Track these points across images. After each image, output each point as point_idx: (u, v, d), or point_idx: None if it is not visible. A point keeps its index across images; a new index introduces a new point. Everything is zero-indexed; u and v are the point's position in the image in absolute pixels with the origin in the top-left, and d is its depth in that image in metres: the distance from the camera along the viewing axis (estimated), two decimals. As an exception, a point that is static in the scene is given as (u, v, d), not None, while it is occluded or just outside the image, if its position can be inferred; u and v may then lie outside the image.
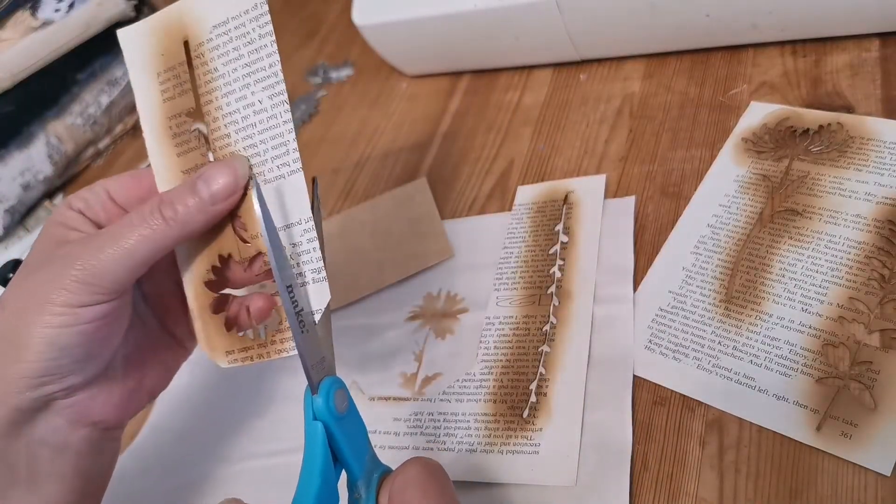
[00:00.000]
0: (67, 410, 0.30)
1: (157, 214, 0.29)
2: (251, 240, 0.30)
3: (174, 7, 0.32)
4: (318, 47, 0.74)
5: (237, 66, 0.31)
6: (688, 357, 0.36)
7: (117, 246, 0.28)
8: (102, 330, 0.29)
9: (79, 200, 0.32)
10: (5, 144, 0.68)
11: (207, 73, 0.32)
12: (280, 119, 0.30)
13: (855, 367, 0.33)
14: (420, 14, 0.53)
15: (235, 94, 0.31)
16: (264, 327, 0.30)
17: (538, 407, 0.37)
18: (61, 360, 0.28)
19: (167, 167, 0.32)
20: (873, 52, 0.44)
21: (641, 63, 0.52)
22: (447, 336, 0.43)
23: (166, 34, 0.32)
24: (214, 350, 0.31)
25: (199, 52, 0.32)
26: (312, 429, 0.27)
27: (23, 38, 0.67)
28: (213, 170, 0.30)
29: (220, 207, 0.30)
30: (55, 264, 0.28)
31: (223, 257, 0.31)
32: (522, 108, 0.54)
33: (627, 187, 0.45)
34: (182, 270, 0.32)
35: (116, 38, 0.34)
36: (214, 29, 0.31)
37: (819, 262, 0.37)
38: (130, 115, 0.77)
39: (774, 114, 0.44)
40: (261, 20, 0.31)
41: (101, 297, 0.28)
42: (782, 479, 0.31)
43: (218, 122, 0.31)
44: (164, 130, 0.32)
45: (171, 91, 0.32)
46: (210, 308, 0.31)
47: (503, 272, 0.44)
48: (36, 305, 0.28)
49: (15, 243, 0.69)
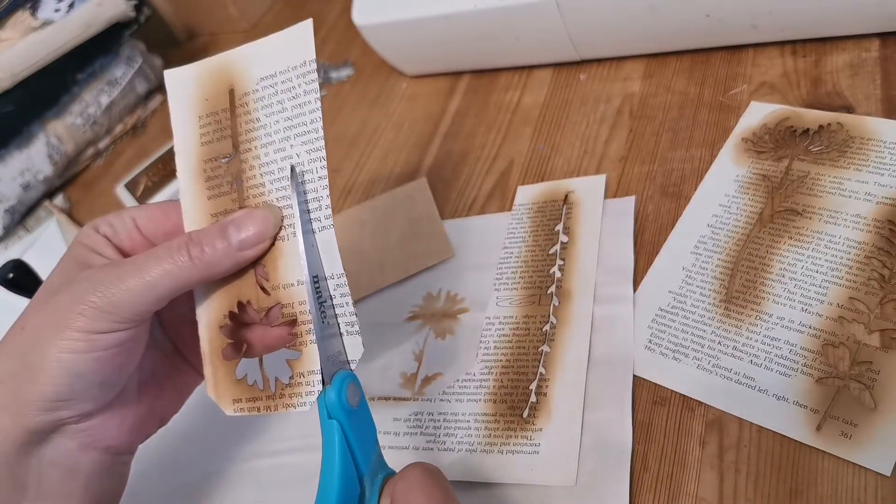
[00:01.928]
0: (79, 434, 0.30)
1: (184, 252, 0.29)
2: (272, 290, 0.30)
3: (224, 55, 0.33)
4: (318, 47, 0.73)
5: (279, 119, 0.31)
6: (688, 357, 0.36)
7: (140, 277, 0.28)
8: (118, 357, 0.29)
9: (106, 225, 0.32)
10: (5, 144, 0.68)
11: (249, 122, 0.32)
12: (316, 175, 0.30)
13: (855, 367, 0.33)
14: (420, 14, 0.53)
15: (275, 146, 0.31)
16: (275, 378, 0.30)
17: (538, 407, 0.37)
18: (75, 386, 0.28)
19: (197, 208, 0.32)
20: (873, 52, 0.44)
21: (641, 63, 0.52)
22: (447, 336, 0.43)
23: (213, 80, 0.33)
24: (221, 396, 0.31)
25: (244, 101, 0.32)
26: (329, 428, 0.27)
27: (23, 38, 0.67)
28: (245, 217, 0.30)
29: (247, 254, 0.30)
30: (76, 288, 0.29)
31: (241, 304, 0.31)
32: (522, 108, 0.54)
33: (627, 187, 0.45)
34: (198, 311, 0.32)
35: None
36: (261, 81, 0.32)
37: (819, 262, 0.37)
38: (130, 115, 0.77)
39: (774, 114, 0.44)
40: (307, 77, 0.31)
41: (118, 326, 0.28)
42: (782, 479, 0.31)
43: (254, 170, 0.31)
44: (199, 172, 0.33)
45: (210, 135, 0.33)
46: (222, 353, 0.31)
47: (503, 272, 0.44)
48: (54, 328, 0.28)
49: (15, 243, 0.69)
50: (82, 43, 0.69)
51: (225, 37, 0.85)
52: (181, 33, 0.87)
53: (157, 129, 0.76)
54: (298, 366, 0.29)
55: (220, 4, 0.82)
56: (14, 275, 0.50)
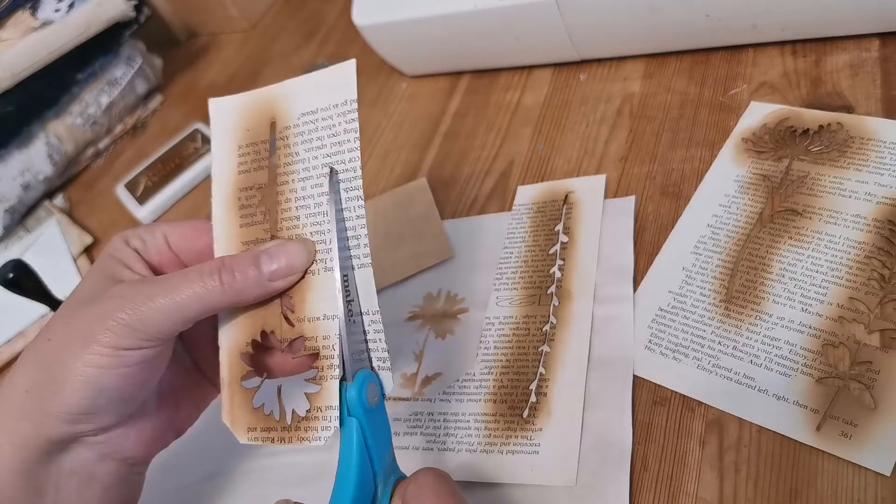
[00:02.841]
0: (98, 445, 0.30)
1: (215, 276, 0.29)
2: (296, 322, 0.30)
3: (268, 89, 0.33)
4: (318, 47, 0.74)
5: (318, 155, 0.31)
6: (688, 357, 0.36)
7: (169, 297, 0.28)
8: (142, 374, 0.29)
9: (136, 239, 0.32)
10: (5, 144, 0.68)
11: (288, 155, 0.32)
12: (354, 213, 0.30)
13: (855, 367, 0.33)
14: (420, 14, 0.53)
15: (312, 181, 0.31)
16: (292, 411, 0.30)
17: (538, 407, 0.37)
18: (98, 400, 0.28)
19: (228, 235, 0.33)
20: (873, 52, 0.44)
21: (641, 63, 0.52)
22: (447, 336, 0.43)
23: (255, 112, 0.33)
24: (236, 423, 0.31)
25: (284, 134, 0.32)
26: (348, 425, 0.28)
27: (23, 38, 0.67)
28: (278, 248, 0.30)
29: (276, 285, 0.30)
30: (106, 304, 0.29)
31: (265, 332, 0.31)
32: (522, 108, 0.54)
33: (627, 187, 0.45)
34: (221, 335, 0.32)
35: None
36: (303, 116, 0.32)
37: (819, 262, 0.37)
38: (130, 115, 0.77)
39: (774, 114, 0.44)
40: (348, 116, 0.31)
41: (144, 343, 0.28)
42: (782, 479, 0.31)
43: (290, 203, 0.32)
44: (233, 200, 0.33)
45: (247, 165, 0.33)
46: (240, 380, 0.31)
47: (503, 272, 0.44)
48: (81, 342, 0.28)
49: (15, 243, 0.69)
50: (82, 43, 0.69)
51: (225, 37, 0.85)
52: (181, 33, 0.87)
53: (156, 129, 0.76)
54: (317, 400, 0.29)
55: (220, 4, 0.82)
56: (14, 275, 0.50)
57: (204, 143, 0.68)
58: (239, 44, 0.82)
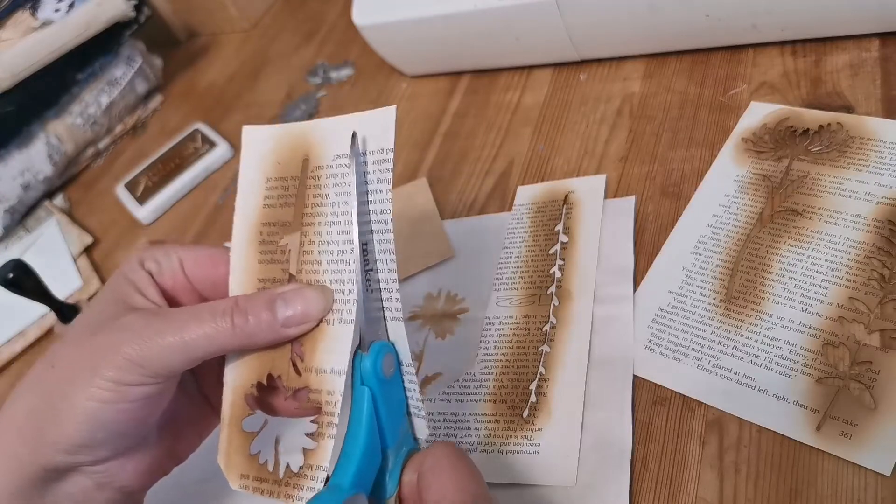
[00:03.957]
0: (96, 475, 0.30)
1: (227, 318, 0.28)
2: (304, 372, 0.29)
3: (305, 124, 0.32)
4: (318, 47, 0.74)
5: (348, 200, 0.30)
6: (688, 357, 0.36)
7: (178, 335, 0.28)
8: (143, 410, 0.29)
9: (152, 262, 0.32)
10: (5, 144, 0.68)
11: (318, 196, 0.31)
12: (386, 266, 0.29)
13: (855, 367, 0.33)
14: (420, 14, 0.53)
15: (339, 227, 0.30)
16: (287, 464, 0.29)
17: (538, 407, 0.37)
18: (97, 434, 0.28)
19: (245, 269, 0.32)
20: (873, 52, 0.44)
21: (641, 63, 0.52)
22: (447, 336, 0.43)
23: (289, 146, 0.32)
24: (230, 467, 0.30)
25: (316, 174, 0.31)
26: (359, 394, 0.27)
27: (23, 38, 0.67)
28: (295, 294, 0.29)
29: (289, 332, 0.29)
30: (113, 335, 0.28)
31: (272, 377, 0.30)
32: (522, 108, 0.54)
33: (627, 187, 0.45)
34: (227, 372, 0.31)
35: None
36: (337, 158, 0.31)
37: (819, 262, 0.37)
38: (130, 115, 0.77)
39: (774, 114, 0.44)
40: (383, 165, 0.30)
41: (148, 380, 0.28)
42: (782, 479, 0.31)
43: (313, 246, 0.31)
44: (255, 234, 0.32)
45: (274, 199, 0.32)
46: (240, 421, 0.30)
47: (503, 272, 0.44)
48: (85, 374, 0.28)
49: (15, 243, 0.69)
50: (82, 43, 0.69)
51: (225, 37, 0.85)
52: (181, 33, 0.87)
53: (156, 129, 0.76)
54: (311, 457, 0.28)
55: (220, 4, 0.82)
56: (14, 275, 0.50)
57: (204, 143, 0.68)
58: (239, 44, 0.82)
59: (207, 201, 0.64)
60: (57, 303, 0.53)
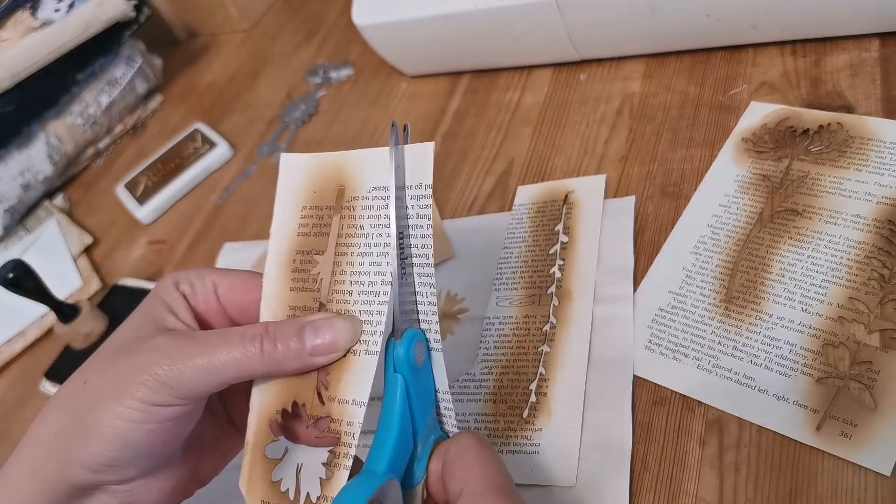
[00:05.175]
0: (120, 494, 0.30)
1: (257, 344, 0.29)
2: (327, 401, 0.29)
3: (343, 154, 0.32)
4: (318, 47, 0.74)
5: (383, 233, 0.30)
6: (688, 357, 0.36)
7: (208, 358, 0.28)
8: (170, 431, 0.29)
9: (186, 284, 0.32)
10: (5, 144, 0.68)
11: (352, 226, 0.31)
12: (426, 299, 0.29)
13: (855, 367, 0.33)
14: (420, 14, 0.53)
15: (371, 258, 0.30)
16: (307, 494, 0.29)
17: (538, 407, 0.37)
18: (124, 454, 0.28)
19: (277, 296, 0.32)
20: (873, 52, 0.44)
21: (641, 63, 0.52)
22: (447, 336, 0.43)
23: (325, 175, 0.32)
24: (251, 492, 0.30)
25: (351, 204, 0.31)
26: (392, 381, 0.28)
27: (23, 38, 0.67)
28: (325, 323, 0.29)
29: (317, 361, 0.29)
30: (144, 355, 0.29)
31: (296, 404, 0.30)
32: (522, 108, 0.54)
33: (627, 187, 0.45)
34: (253, 396, 0.31)
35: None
36: (373, 190, 0.31)
37: (819, 262, 0.37)
38: (130, 115, 0.77)
39: (774, 114, 0.44)
40: (422, 201, 0.29)
41: (176, 401, 0.28)
42: (782, 479, 0.31)
43: (345, 276, 0.31)
44: (288, 261, 0.32)
45: (308, 228, 0.32)
46: (264, 447, 0.30)
47: (503, 272, 0.44)
48: (115, 393, 0.28)
49: (15, 243, 0.69)
50: (82, 43, 0.69)
51: (225, 37, 0.85)
52: (181, 33, 0.87)
53: (156, 129, 0.76)
54: (326, 487, 0.29)
55: (220, 4, 0.82)
56: (14, 275, 0.50)
57: (204, 143, 0.68)
58: (239, 44, 0.82)
59: (207, 201, 0.64)
60: (57, 303, 0.53)
